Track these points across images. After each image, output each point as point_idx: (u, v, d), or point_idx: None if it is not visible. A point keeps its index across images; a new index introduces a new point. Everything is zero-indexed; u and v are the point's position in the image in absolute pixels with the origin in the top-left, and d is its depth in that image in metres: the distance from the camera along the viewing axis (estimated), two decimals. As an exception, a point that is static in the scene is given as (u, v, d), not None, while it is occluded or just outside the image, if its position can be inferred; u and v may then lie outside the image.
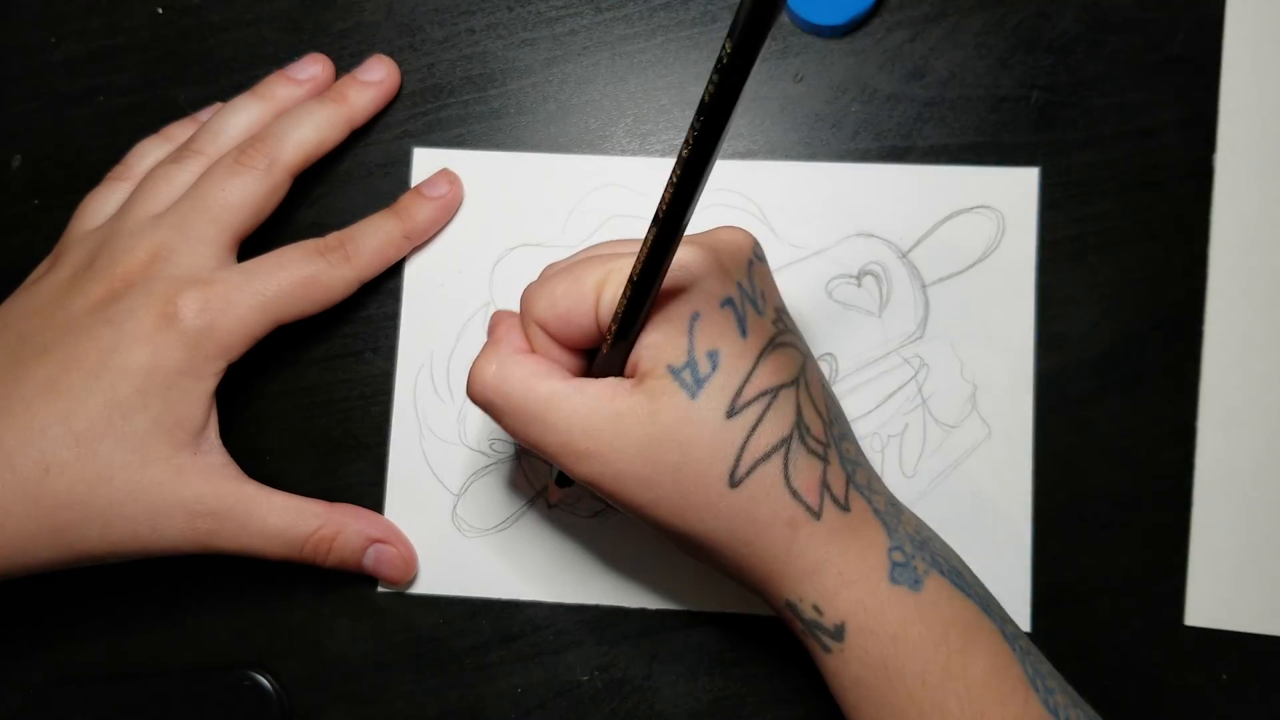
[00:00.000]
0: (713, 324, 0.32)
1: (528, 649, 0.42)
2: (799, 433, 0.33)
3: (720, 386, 0.32)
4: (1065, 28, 0.43)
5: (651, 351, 0.32)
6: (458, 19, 0.45)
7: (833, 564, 0.33)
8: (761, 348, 0.33)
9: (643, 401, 0.32)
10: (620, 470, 0.32)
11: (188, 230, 0.39)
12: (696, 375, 0.32)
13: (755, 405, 0.32)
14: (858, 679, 0.33)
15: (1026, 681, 0.32)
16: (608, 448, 0.32)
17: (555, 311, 0.33)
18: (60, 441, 0.36)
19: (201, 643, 0.43)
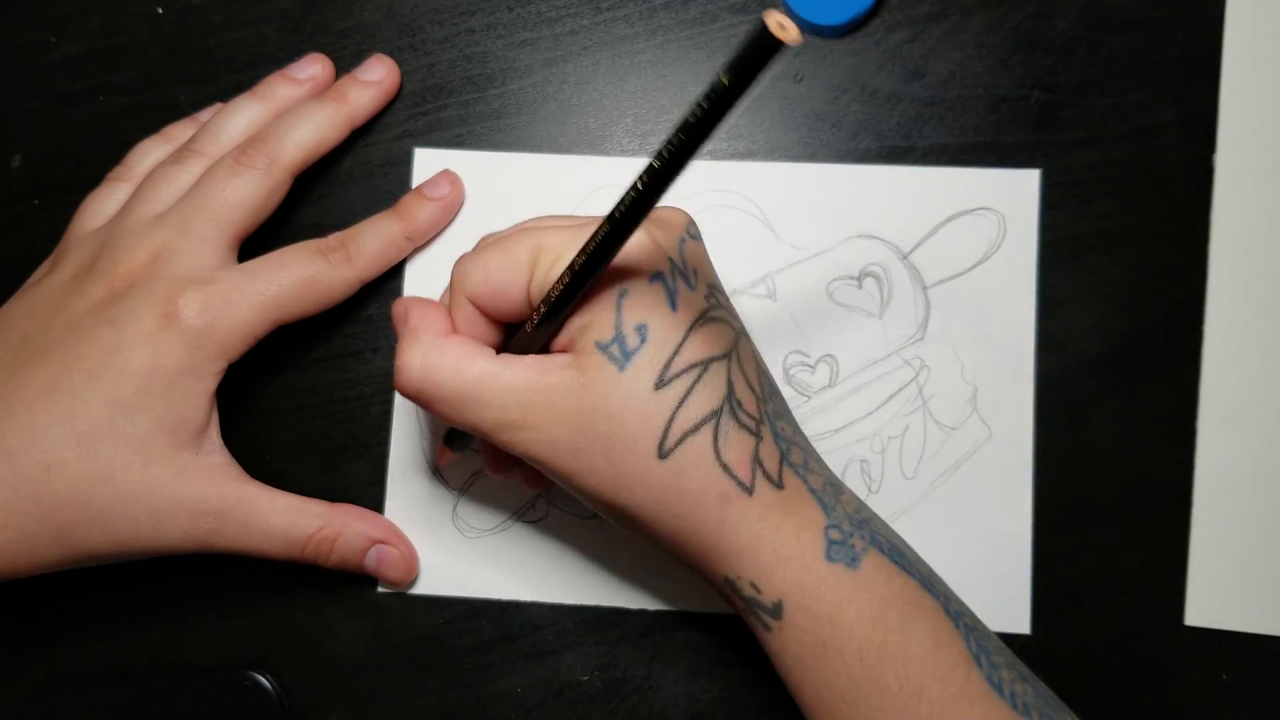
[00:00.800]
0: (641, 298, 0.32)
1: (528, 649, 0.42)
2: (730, 406, 0.33)
3: (648, 359, 0.32)
4: (1065, 28, 0.43)
5: (580, 329, 0.32)
6: (458, 19, 0.45)
7: (767, 541, 0.33)
8: (691, 321, 0.33)
9: (573, 375, 0.32)
10: (554, 438, 0.33)
11: (189, 230, 0.39)
12: (624, 349, 0.32)
13: (684, 377, 0.32)
14: (797, 658, 0.33)
15: (969, 657, 0.32)
16: (541, 418, 0.32)
17: (489, 286, 0.34)
18: (62, 441, 0.36)
19: (202, 643, 0.43)
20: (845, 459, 0.42)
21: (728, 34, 0.44)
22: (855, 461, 0.41)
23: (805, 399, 0.42)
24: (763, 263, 0.42)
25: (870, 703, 0.32)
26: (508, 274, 0.33)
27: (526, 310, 0.34)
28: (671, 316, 0.33)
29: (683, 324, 0.33)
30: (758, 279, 0.42)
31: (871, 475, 0.41)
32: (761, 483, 0.33)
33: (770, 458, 0.33)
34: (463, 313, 0.35)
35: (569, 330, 0.33)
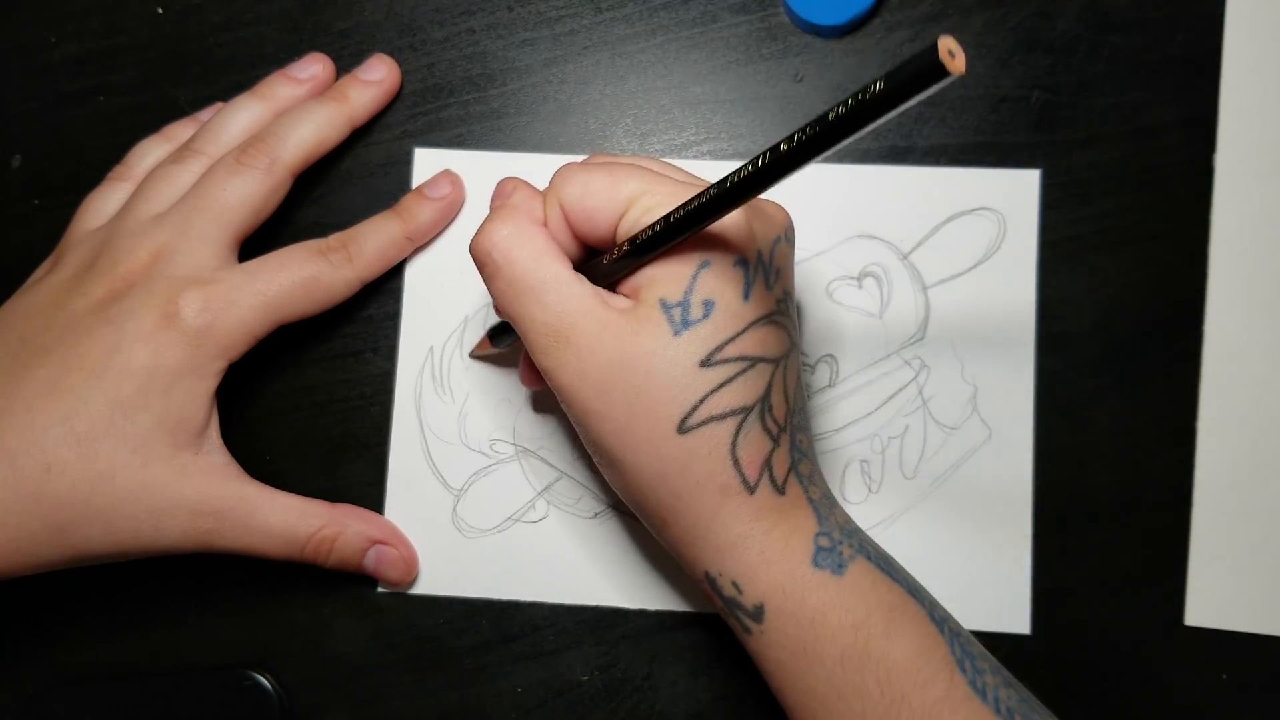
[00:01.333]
0: (719, 276, 0.32)
1: (528, 649, 0.42)
2: (761, 408, 0.33)
3: (704, 335, 0.32)
4: (1065, 28, 0.43)
5: (652, 280, 0.32)
6: (458, 19, 0.45)
7: (755, 542, 0.33)
8: (757, 316, 0.33)
9: (629, 320, 0.32)
10: (586, 369, 0.32)
11: (189, 230, 0.39)
12: (686, 316, 0.32)
13: (730, 366, 0.32)
14: (779, 662, 0.33)
15: (953, 664, 0.32)
16: (584, 345, 0.32)
17: (583, 204, 0.33)
18: (62, 441, 0.36)
19: (202, 643, 0.43)
20: (845, 459, 0.42)
21: (727, 34, 0.44)
22: (855, 461, 0.41)
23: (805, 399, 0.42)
24: (763, 263, 0.42)
25: (852, 708, 0.32)
26: (604, 200, 0.33)
27: (608, 240, 0.34)
28: (740, 304, 0.33)
29: (749, 315, 0.33)
30: (758, 279, 0.42)
31: (871, 475, 0.41)
32: (765, 485, 0.33)
33: (780, 464, 0.34)
34: (552, 215, 0.34)
35: (640, 276, 0.33)
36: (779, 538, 0.33)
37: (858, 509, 0.41)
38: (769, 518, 0.33)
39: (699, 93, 0.44)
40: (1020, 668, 0.40)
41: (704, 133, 0.43)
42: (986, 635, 0.41)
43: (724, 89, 0.44)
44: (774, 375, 0.33)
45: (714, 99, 0.44)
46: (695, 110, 0.44)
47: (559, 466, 0.42)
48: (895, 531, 0.41)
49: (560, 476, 0.42)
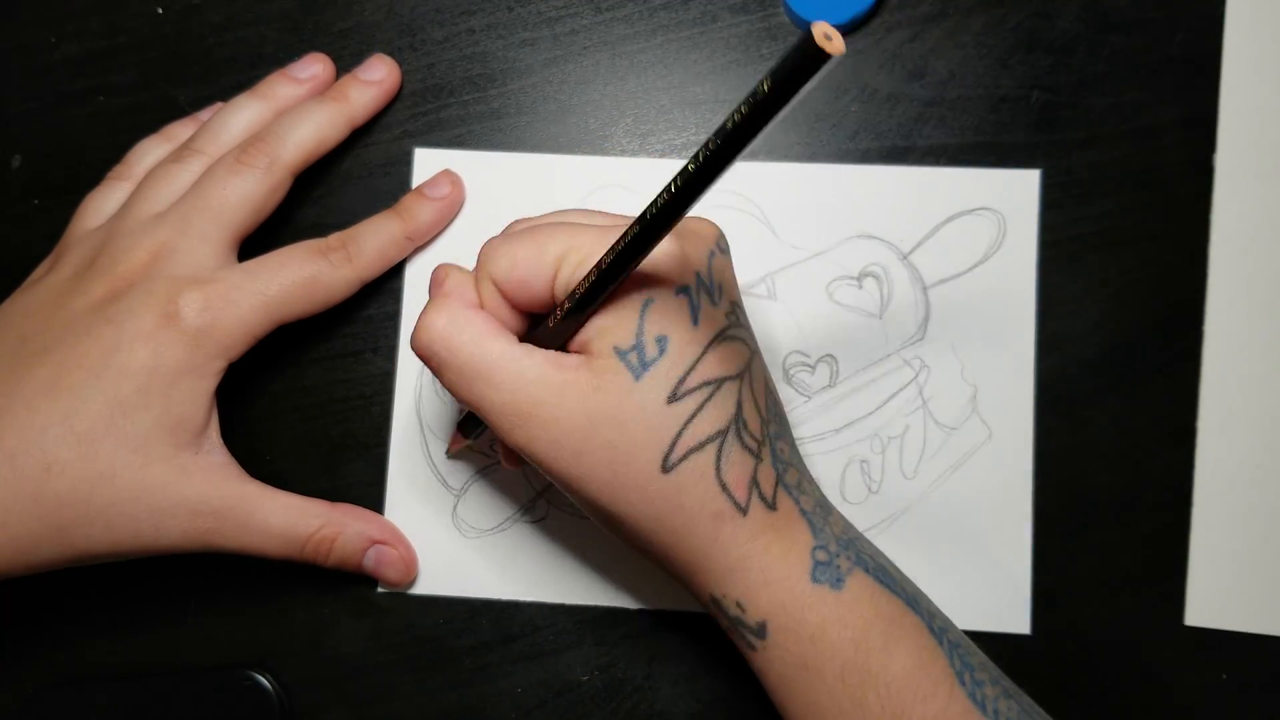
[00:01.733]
0: (665, 310, 0.32)
1: (528, 649, 0.42)
2: (736, 427, 0.33)
3: (664, 372, 0.32)
4: (1065, 28, 0.43)
5: (601, 332, 0.32)
6: (458, 19, 0.45)
7: (755, 561, 0.33)
8: (711, 337, 0.33)
9: (587, 377, 0.32)
10: (557, 438, 0.32)
11: (189, 230, 0.39)
12: (643, 358, 0.32)
13: (697, 394, 0.32)
14: (781, 677, 0.33)
15: (953, 676, 0.32)
16: (548, 415, 0.32)
17: (514, 275, 0.33)
18: (62, 441, 0.36)
19: (202, 643, 0.43)
20: (845, 459, 0.42)
21: (727, 34, 0.44)
22: (855, 461, 0.41)
23: (805, 399, 0.42)
24: (763, 263, 0.42)
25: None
26: (534, 266, 0.33)
27: (549, 303, 0.34)
28: (692, 331, 0.32)
29: (702, 339, 0.33)
30: (758, 279, 0.42)
31: (871, 475, 0.41)
32: (756, 504, 0.33)
33: (767, 479, 0.33)
34: (486, 292, 0.34)
35: (588, 330, 0.32)
36: (777, 555, 0.33)
37: (858, 509, 0.41)
38: (765, 535, 0.33)
39: (699, 93, 0.44)
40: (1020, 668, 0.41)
41: (704, 133, 0.43)
42: (986, 635, 0.41)
43: (724, 89, 0.44)
44: (741, 391, 0.33)
45: (714, 99, 0.44)
46: (695, 110, 0.44)
47: (559, 466, 0.42)
48: (895, 531, 0.41)
49: (560, 476, 0.42)
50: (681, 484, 0.32)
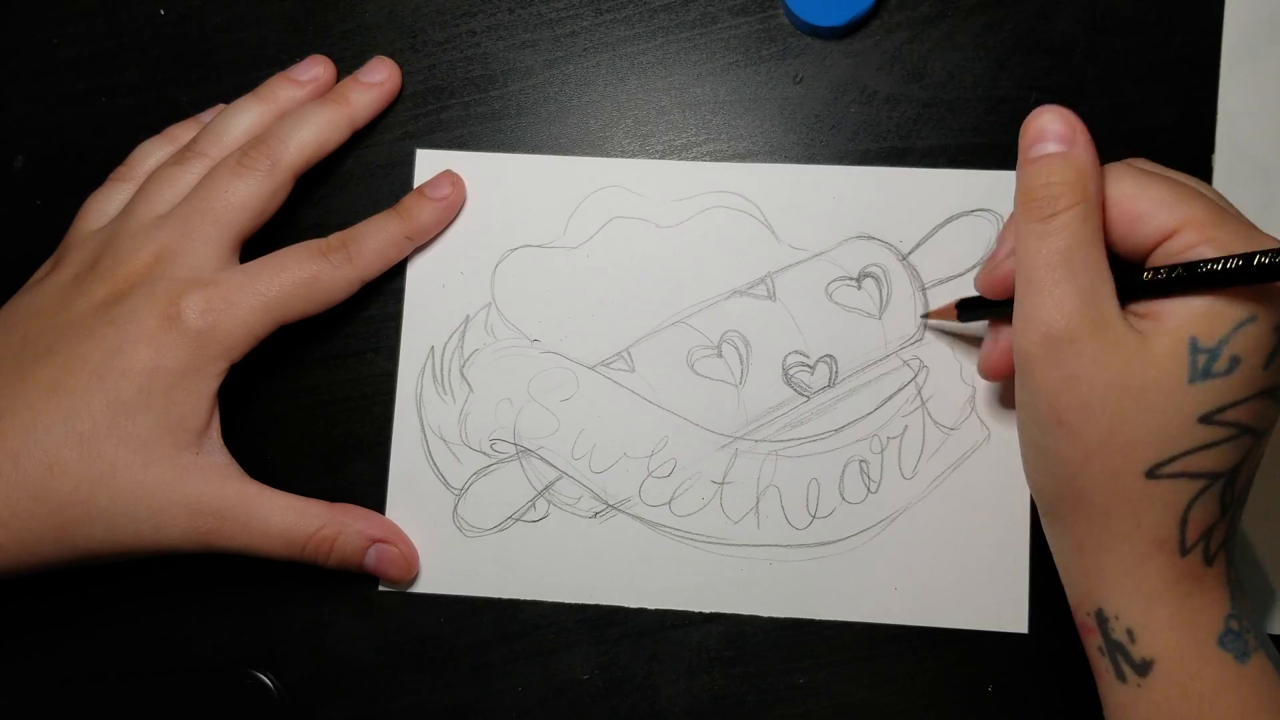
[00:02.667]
0: (1258, 336, 0.31)
1: (528, 648, 0.42)
2: (1229, 478, 0.32)
3: (1217, 391, 0.31)
4: (1063, 29, 0.43)
5: (1190, 315, 0.31)
6: (459, 20, 0.45)
7: (1169, 602, 0.32)
8: (1268, 386, 0.31)
9: (1145, 347, 0.31)
10: (1075, 375, 0.31)
11: (190, 231, 0.39)
12: (1210, 366, 0.31)
13: (1225, 429, 0.31)
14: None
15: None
16: (1087, 354, 0.31)
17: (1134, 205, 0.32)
18: (63, 441, 0.37)
19: (203, 642, 0.43)
20: (845, 459, 0.42)
21: (727, 35, 0.44)
22: (855, 461, 0.42)
23: (805, 399, 0.42)
24: (762, 263, 0.43)
25: None
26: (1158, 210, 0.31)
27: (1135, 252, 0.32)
28: (1261, 370, 0.31)
29: (1262, 383, 0.31)
30: (757, 279, 0.42)
31: (871, 475, 0.42)
32: (1197, 552, 0.32)
33: (1218, 538, 0.33)
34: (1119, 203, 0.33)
35: (1173, 305, 0.31)
36: (1192, 607, 0.32)
37: (857, 509, 0.41)
38: (1188, 584, 0.32)
39: (699, 94, 0.44)
40: (1018, 668, 0.41)
41: (704, 134, 0.44)
42: (984, 635, 0.41)
43: (724, 90, 0.44)
44: (1253, 449, 0.32)
45: (714, 100, 0.44)
46: (695, 111, 0.44)
47: (559, 466, 0.42)
48: (894, 531, 0.41)
49: (560, 476, 0.42)
50: (1152, 496, 0.31)
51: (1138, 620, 0.32)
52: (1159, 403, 0.31)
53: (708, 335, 0.42)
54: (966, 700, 0.41)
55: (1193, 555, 0.32)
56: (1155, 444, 0.31)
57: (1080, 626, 0.34)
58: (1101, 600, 0.33)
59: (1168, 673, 0.32)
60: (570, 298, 0.43)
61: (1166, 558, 0.32)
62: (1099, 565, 0.33)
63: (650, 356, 0.42)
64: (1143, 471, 0.31)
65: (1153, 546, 0.32)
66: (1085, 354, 0.31)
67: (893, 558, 0.41)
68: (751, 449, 0.42)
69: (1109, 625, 0.33)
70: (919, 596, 0.41)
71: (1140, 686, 0.32)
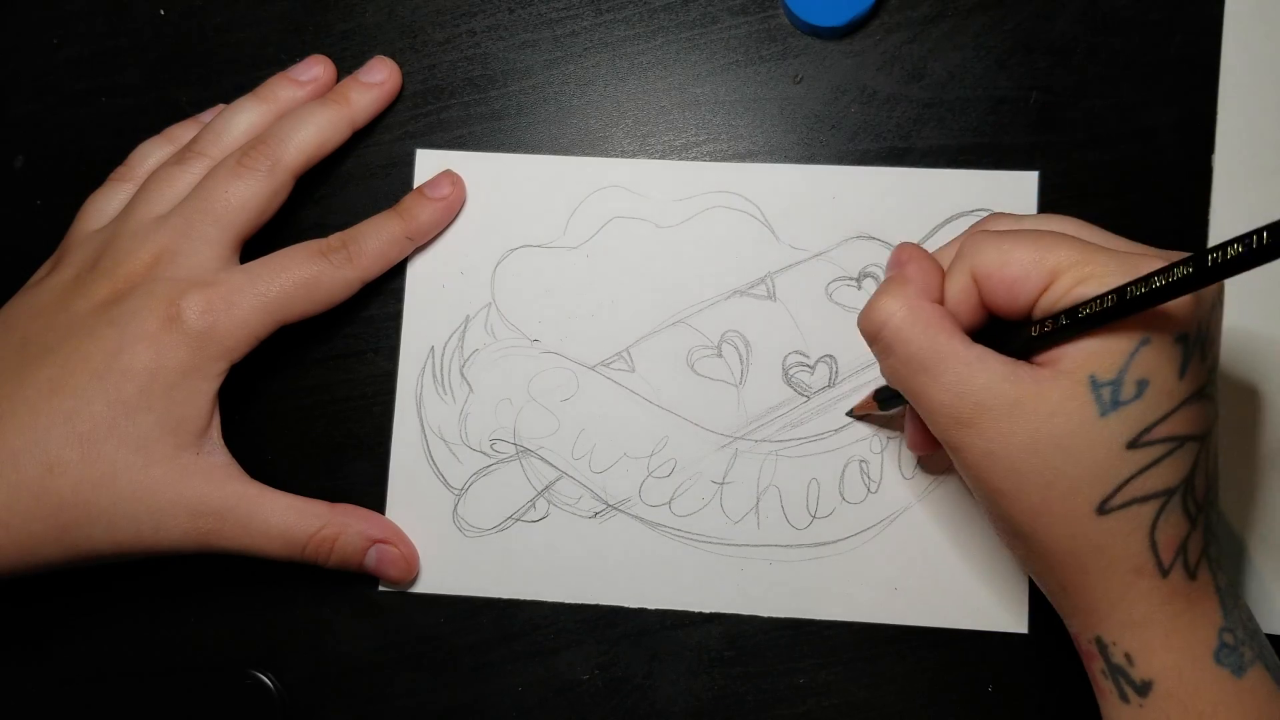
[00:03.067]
0: (1158, 354, 0.30)
1: (528, 648, 0.42)
2: (1184, 489, 0.32)
3: (1134, 416, 0.30)
4: (1064, 29, 0.43)
5: (1083, 356, 0.31)
6: (459, 21, 0.45)
7: (1160, 624, 0.32)
8: (1190, 393, 0.31)
9: (1044, 397, 0.31)
10: (993, 451, 0.31)
11: (191, 232, 0.39)
12: (1116, 396, 0.30)
13: (1158, 447, 0.31)
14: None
15: None
16: (992, 427, 0.31)
17: (1002, 274, 0.32)
18: (64, 442, 0.37)
19: (203, 642, 0.43)
20: (845, 459, 0.42)
21: (727, 35, 0.44)
22: (855, 461, 0.42)
23: (805, 399, 0.42)
24: (762, 263, 0.43)
25: None
26: (1028, 271, 0.31)
27: (1022, 312, 0.32)
28: (1175, 382, 0.31)
29: (1181, 393, 0.31)
30: (757, 279, 0.42)
31: (870, 475, 0.42)
32: (1178, 569, 0.32)
33: (1195, 548, 0.32)
34: (958, 284, 0.33)
35: (1066, 350, 0.31)
36: (1184, 625, 0.32)
37: (857, 509, 0.41)
38: (1177, 602, 0.32)
39: (699, 94, 0.44)
40: (1018, 668, 0.41)
41: (704, 134, 0.44)
42: (984, 635, 0.41)
43: (724, 90, 0.44)
44: (1199, 454, 0.32)
45: (714, 100, 0.44)
46: (695, 111, 0.44)
47: (559, 466, 0.42)
48: (894, 531, 0.41)
49: (560, 476, 0.42)
50: (1113, 529, 0.31)
51: (1133, 645, 0.32)
52: (1079, 444, 0.31)
53: (708, 335, 0.42)
54: (966, 700, 0.41)
55: (1174, 573, 0.32)
56: (1093, 482, 0.31)
57: (1083, 653, 0.34)
58: (1098, 629, 0.33)
59: (1167, 692, 0.32)
60: (570, 298, 0.43)
61: (1149, 582, 0.32)
62: (1086, 602, 0.33)
63: (650, 356, 0.42)
64: (1093, 510, 0.31)
65: (1132, 575, 0.32)
66: (988, 430, 0.31)
67: (893, 558, 0.41)
68: (751, 449, 0.42)
69: (1109, 650, 0.33)
70: (919, 596, 0.41)
71: (1142, 707, 0.33)
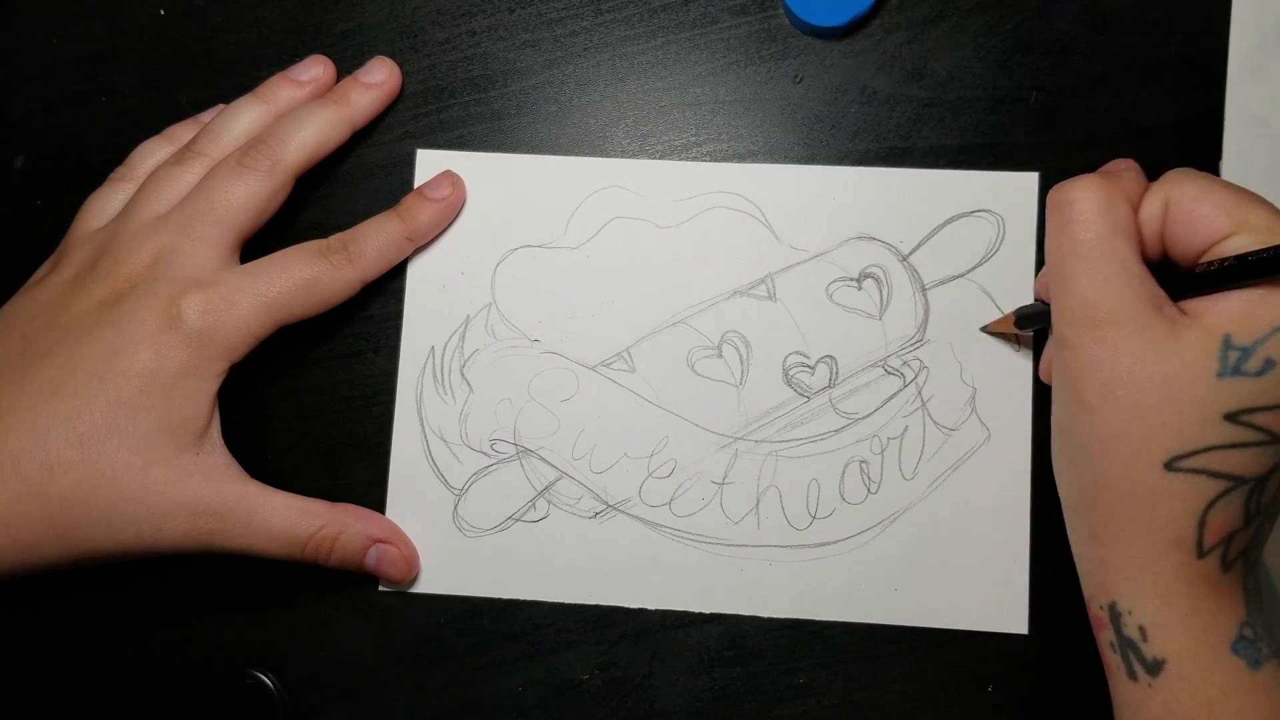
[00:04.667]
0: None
1: (528, 648, 0.42)
2: (1255, 485, 0.31)
3: (1246, 391, 0.30)
4: (1064, 29, 0.43)
5: (1227, 314, 0.31)
6: (459, 21, 0.45)
7: (1183, 602, 0.32)
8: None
9: (1175, 337, 0.31)
10: (1101, 361, 0.31)
11: (190, 232, 0.39)
12: (1241, 365, 0.30)
13: (1252, 432, 0.31)
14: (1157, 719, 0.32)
15: None
16: (1115, 337, 0.31)
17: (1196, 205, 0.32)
18: (64, 442, 0.37)
19: (203, 642, 0.43)
20: (845, 459, 0.42)
21: (727, 36, 0.44)
22: (855, 462, 0.42)
23: (805, 399, 0.42)
24: (763, 264, 0.43)
25: None
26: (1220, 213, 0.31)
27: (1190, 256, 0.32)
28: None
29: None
30: (758, 280, 0.42)
31: (871, 476, 0.42)
32: (1215, 556, 0.32)
33: (1239, 545, 0.32)
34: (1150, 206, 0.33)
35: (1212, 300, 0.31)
36: (1207, 609, 0.32)
37: (857, 509, 0.41)
38: (1203, 586, 0.32)
39: (699, 94, 0.44)
40: (1018, 668, 0.41)
41: (704, 134, 0.44)
42: (984, 635, 0.41)
43: (724, 90, 0.44)
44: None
45: (714, 100, 0.44)
46: (695, 111, 0.44)
47: (559, 466, 0.42)
48: (894, 532, 0.41)
49: (560, 476, 0.42)
50: (1170, 489, 0.31)
51: (1151, 618, 0.32)
52: (1183, 393, 0.31)
53: (708, 335, 0.42)
54: (966, 700, 0.41)
55: (1210, 558, 0.32)
56: (1176, 434, 0.31)
57: (1093, 620, 0.34)
58: (1115, 594, 0.33)
59: (1178, 675, 0.32)
60: (571, 298, 0.43)
61: (1183, 557, 0.32)
62: (1115, 556, 0.33)
63: (650, 357, 0.42)
64: (1162, 462, 0.31)
65: (1169, 543, 0.32)
66: (1109, 338, 0.31)
67: (893, 558, 0.41)
68: (752, 449, 0.42)
69: (1122, 620, 0.33)
70: (919, 597, 0.41)
71: (1150, 686, 0.32)
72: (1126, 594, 0.33)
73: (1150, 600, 0.32)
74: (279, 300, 0.39)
